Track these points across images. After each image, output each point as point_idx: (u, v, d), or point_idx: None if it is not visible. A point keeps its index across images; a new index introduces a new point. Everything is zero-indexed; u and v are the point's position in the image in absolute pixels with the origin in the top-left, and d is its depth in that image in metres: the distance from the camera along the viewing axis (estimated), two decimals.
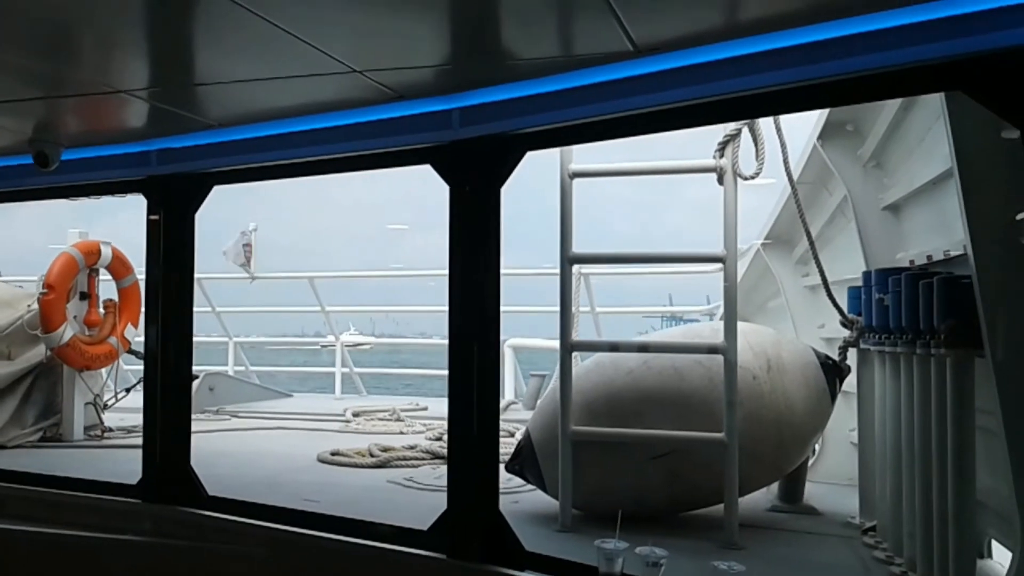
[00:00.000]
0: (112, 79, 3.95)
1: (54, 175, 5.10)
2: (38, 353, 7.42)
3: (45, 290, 7.20)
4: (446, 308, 4.13)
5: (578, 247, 4.57)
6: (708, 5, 2.94)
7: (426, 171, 4.16)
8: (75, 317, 7.52)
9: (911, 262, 4.44)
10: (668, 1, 2.88)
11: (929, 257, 4.16)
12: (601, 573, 3.21)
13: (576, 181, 4.52)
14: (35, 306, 7.29)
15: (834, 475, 5.55)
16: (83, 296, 7.68)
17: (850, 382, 4.89)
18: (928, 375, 3.59)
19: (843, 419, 5.31)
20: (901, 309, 3.84)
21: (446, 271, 4.13)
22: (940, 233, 4.10)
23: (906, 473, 3.84)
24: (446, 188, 4.08)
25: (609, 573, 3.19)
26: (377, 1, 2.96)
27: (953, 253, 3.82)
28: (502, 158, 3.93)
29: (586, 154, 4.55)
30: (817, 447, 5.59)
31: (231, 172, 4.91)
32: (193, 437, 5.20)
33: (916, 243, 4.57)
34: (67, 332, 7.21)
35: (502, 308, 4.10)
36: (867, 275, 4.41)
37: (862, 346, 4.67)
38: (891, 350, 4.03)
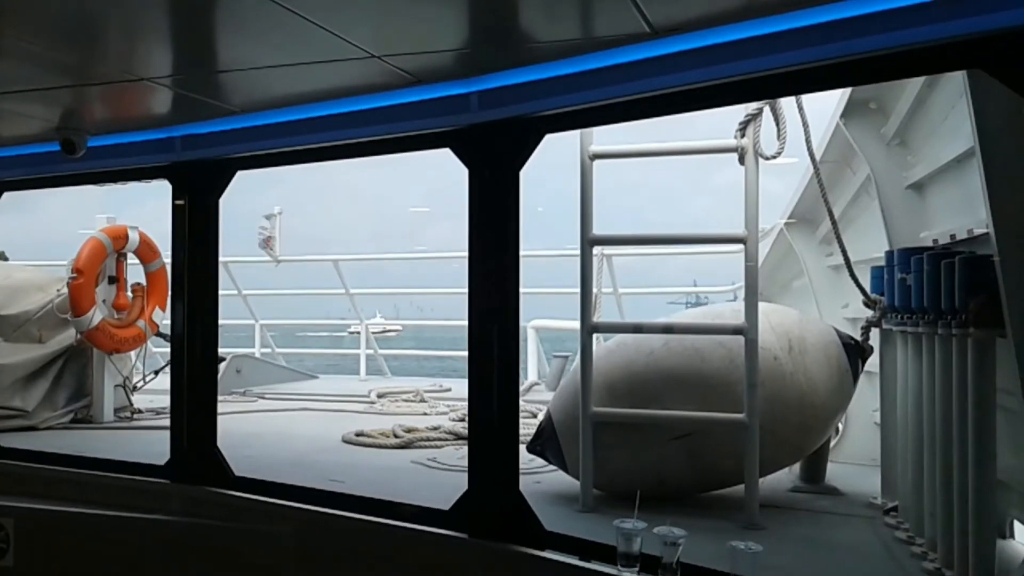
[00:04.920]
0: (136, 67, 4.00)
1: (81, 162, 5.18)
2: (68, 336, 7.56)
3: (74, 274, 7.31)
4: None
5: (607, 233, 4.58)
6: None
7: (447, 157, 4.19)
8: (104, 301, 7.65)
9: (934, 241, 4.41)
10: None
11: (952, 236, 4.12)
12: (620, 553, 3.24)
13: (607, 169, 4.54)
14: (65, 290, 7.42)
15: (856, 455, 5.54)
16: (111, 280, 7.80)
17: (873, 362, 4.87)
18: (950, 355, 3.57)
19: (866, 399, 5.30)
20: (923, 289, 3.82)
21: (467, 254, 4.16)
22: (964, 212, 4.06)
23: (927, 453, 3.83)
24: (466, 174, 4.11)
25: (627, 552, 3.21)
26: None
27: (977, 231, 3.79)
28: (521, 141, 3.94)
29: (608, 138, 4.57)
30: (840, 427, 5.58)
31: (254, 157, 4.95)
32: (221, 418, 5.28)
33: (940, 222, 4.52)
34: (96, 316, 7.33)
35: (526, 290, 4.12)
36: (890, 255, 4.38)
37: (885, 326, 4.65)
38: (913, 330, 4.01)
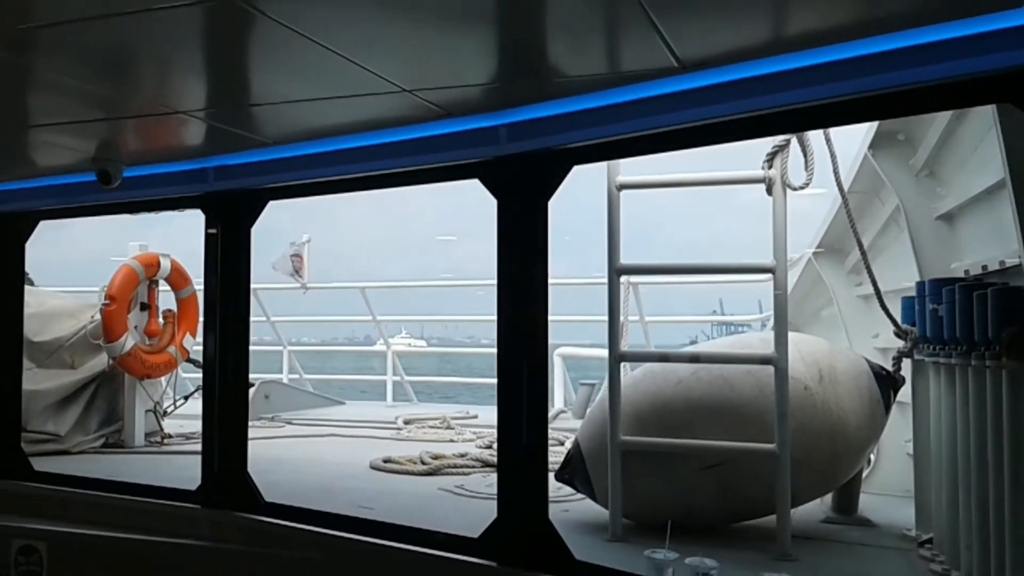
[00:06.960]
0: (171, 100, 4.09)
1: (116, 192, 5.27)
2: (100, 362, 7.66)
3: (107, 301, 7.42)
4: (495, 317, 4.19)
5: (633, 253, 4.58)
6: (753, 21, 2.95)
7: (475, 182, 4.24)
8: (136, 327, 7.75)
9: (965, 272, 4.38)
10: (711, 19, 2.90)
11: (984, 267, 4.10)
12: None
13: (632, 192, 4.56)
14: (97, 317, 7.53)
15: (889, 486, 5.47)
16: (143, 307, 7.90)
17: (905, 392, 4.83)
18: (983, 387, 3.54)
19: (898, 430, 5.24)
20: (955, 320, 3.80)
21: (495, 281, 4.19)
22: (995, 243, 4.04)
23: (962, 485, 3.79)
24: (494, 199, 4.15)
25: None
26: (426, 24, 3.03)
27: (1009, 263, 3.77)
28: (549, 172, 3.98)
29: (635, 164, 4.58)
30: (872, 458, 5.52)
31: (286, 188, 5.03)
32: (250, 444, 5.33)
33: (971, 253, 4.50)
34: (128, 342, 7.43)
35: (552, 317, 4.14)
36: (921, 285, 4.35)
37: (916, 357, 4.61)
38: (946, 361, 3.98)
